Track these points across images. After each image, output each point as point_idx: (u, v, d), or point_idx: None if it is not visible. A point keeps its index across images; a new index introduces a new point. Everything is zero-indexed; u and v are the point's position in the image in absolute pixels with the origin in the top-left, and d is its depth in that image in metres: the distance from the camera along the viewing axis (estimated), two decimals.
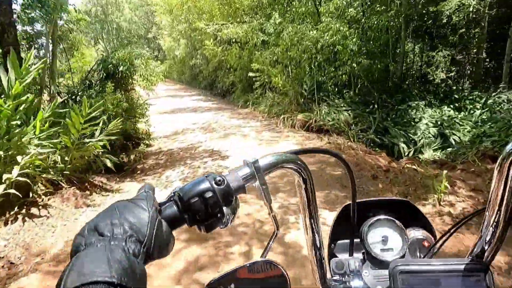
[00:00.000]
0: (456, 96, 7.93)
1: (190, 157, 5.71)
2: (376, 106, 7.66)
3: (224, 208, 0.44)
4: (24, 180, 3.01)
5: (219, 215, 0.44)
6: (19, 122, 3.29)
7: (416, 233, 0.63)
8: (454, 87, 9.57)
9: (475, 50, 10.52)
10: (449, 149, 5.75)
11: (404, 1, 8.31)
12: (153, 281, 2.26)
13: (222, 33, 12.27)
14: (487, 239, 0.49)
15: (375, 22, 8.15)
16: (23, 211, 3.03)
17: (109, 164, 4.32)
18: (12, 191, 2.87)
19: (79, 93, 6.23)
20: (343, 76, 7.70)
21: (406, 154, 6.04)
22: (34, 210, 3.09)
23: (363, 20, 8.62)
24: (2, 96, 3.22)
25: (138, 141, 6.72)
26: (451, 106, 7.38)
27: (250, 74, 10.59)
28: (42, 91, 5.79)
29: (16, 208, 2.99)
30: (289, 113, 7.87)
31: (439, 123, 6.58)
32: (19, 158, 3.04)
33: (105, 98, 5.46)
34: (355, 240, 0.63)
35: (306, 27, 7.78)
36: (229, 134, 7.31)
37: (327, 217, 2.99)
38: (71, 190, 3.54)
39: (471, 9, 8.01)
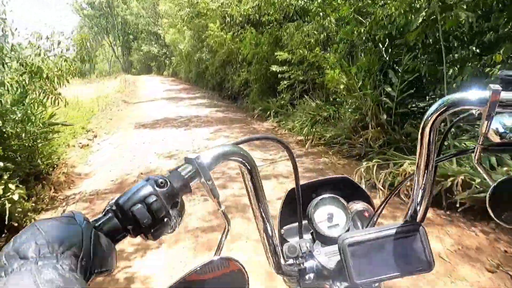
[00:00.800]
0: None
1: None
2: None
3: (170, 211, 0.41)
4: None
5: (165, 219, 0.40)
6: None
7: (356, 206, 0.66)
8: None
9: None
10: None
11: None
12: None
13: (232, 9, 8.18)
14: (418, 201, 0.55)
15: None
16: None
17: None
18: None
19: None
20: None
21: None
22: None
23: None
24: None
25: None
26: None
27: (273, 68, 6.48)
28: None
29: None
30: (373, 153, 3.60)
31: None
32: None
33: None
34: (303, 222, 0.64)
35: None
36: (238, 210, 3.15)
37: None
38: None
39: None
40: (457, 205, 2.59)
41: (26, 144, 3.26)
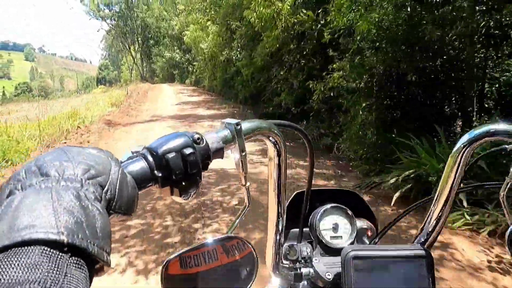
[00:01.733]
0: None
1: None
2: None
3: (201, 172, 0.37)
4: None
5: (197, 177, 0.36)
6: None
7: (361, 223, 0.63)
8: None
9: None
10: None
11: None
12: None
13: None
14: (431, 226, 0.53)
15: None
16: None
17: None
18: None
19: None
20: None
21: None
22: None
23: None
24: None
25: None
26: None
27: None
28: None
29: None
30: None
31: None
32: None
33: None
34: (304, 229, 0.63)
35: None
36: None
37: None
38: None
39: None
40: None
41: None
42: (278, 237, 0.57)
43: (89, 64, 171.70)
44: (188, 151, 0.35)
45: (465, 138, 0.47)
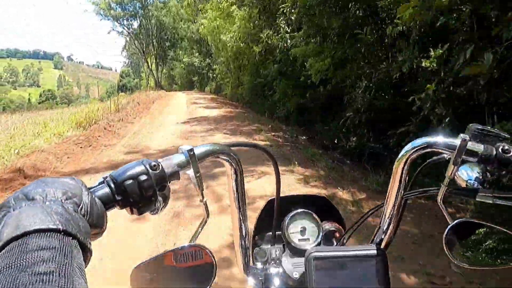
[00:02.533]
0: None
1: None
2: None
3: (158, 193, 0.43)
4: None
5: (152, 199, 0.42)
6: None
7: (329, 226, 0.68)
8: None
9: None
10: None
11: None
12: None
13: None
14: (384, 229, 0.58)
15: None
16: None
17: None
18: None
19: None
20: None
21: None
22: None
23: None
24: None
25: None
26: None
27: None
28: None
29: None
30: None
31: None
32: None
33: None
34: (277, 232, 0.67)
35: None
36: None
37: None
38: None
39: None
40: None
41: None
42: (243, 241, 0.62)
43: (114, 72, 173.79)
44: (143, 177, 0.40)
45: (407, 148, 0.52)
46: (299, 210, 0.65)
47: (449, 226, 0.53)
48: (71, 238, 0.28)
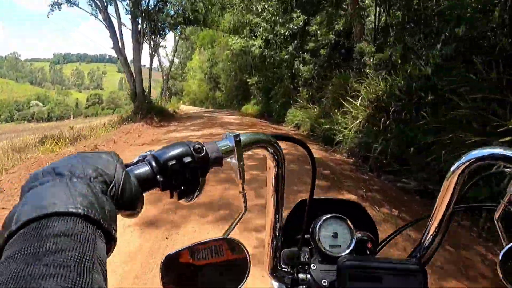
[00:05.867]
0: None
1: None
2: None
3: (200, 179, 0.41)
4: None
5: (194, 182, 0.40)
6: None
7: (361, 234, 0.64)
8: None
9: None
10: None
11: None
12: None
13: None
14: (427, 243, 0.55)
15: None
16: None
17: None
18: None
19: None
20: None
21: None
22: None
23: None
24: None
25: None
26: None
27: None
28: None
29: None
30: None
31: None
32: None
33: None
34: (305, 235, 0.64)
35: None
36: None
37: None
38: None
39: None
40: None
41: None
42: (275, 242, 0.60)
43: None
44: (187, 159, 0.39)
45: (468, 157, 0.48)
46: (333, 214, 0.62)
47: (504, 249, 0.47)
48: (93, 224, 0.26)
